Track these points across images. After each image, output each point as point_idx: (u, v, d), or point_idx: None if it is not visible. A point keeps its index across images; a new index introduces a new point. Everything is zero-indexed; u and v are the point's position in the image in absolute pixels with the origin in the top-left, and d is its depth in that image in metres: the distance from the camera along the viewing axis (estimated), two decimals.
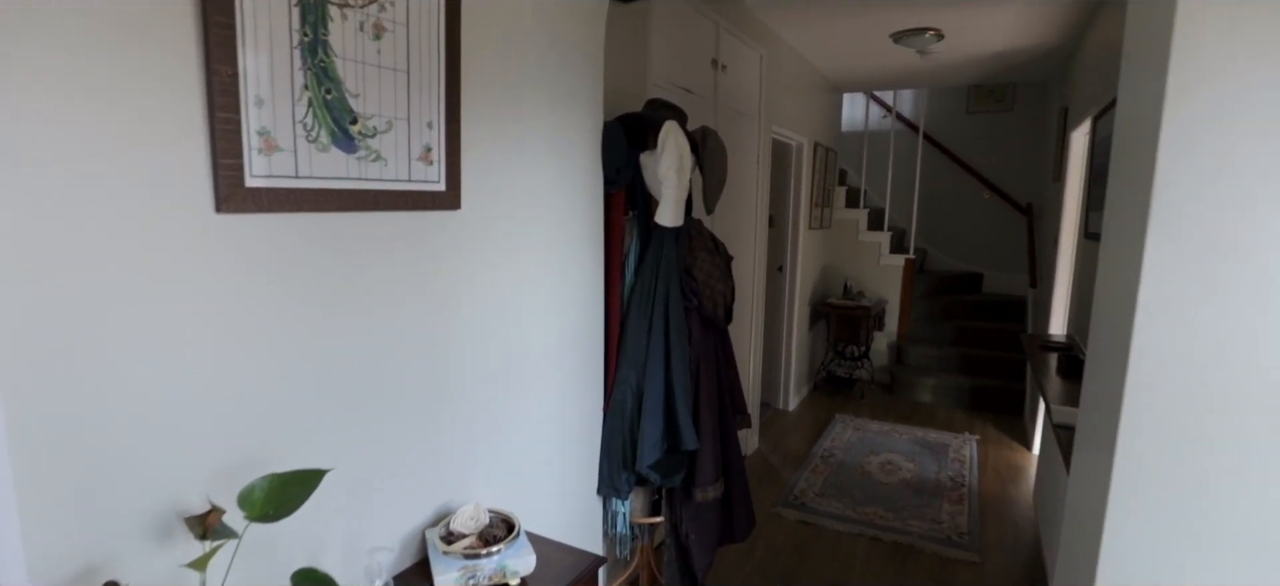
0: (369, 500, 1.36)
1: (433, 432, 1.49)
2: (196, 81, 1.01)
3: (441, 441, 1.52)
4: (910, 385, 5.46)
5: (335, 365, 1.26)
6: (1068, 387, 2.43)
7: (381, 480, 1.38)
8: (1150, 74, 1.15)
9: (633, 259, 2.14)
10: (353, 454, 1.31)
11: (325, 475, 0.94)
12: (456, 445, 1.57)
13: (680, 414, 2.03)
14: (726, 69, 3.36)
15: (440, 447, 1.52)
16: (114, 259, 0.93)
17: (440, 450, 1.52)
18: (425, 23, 1.37)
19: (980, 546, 3.09)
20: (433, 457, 1.50)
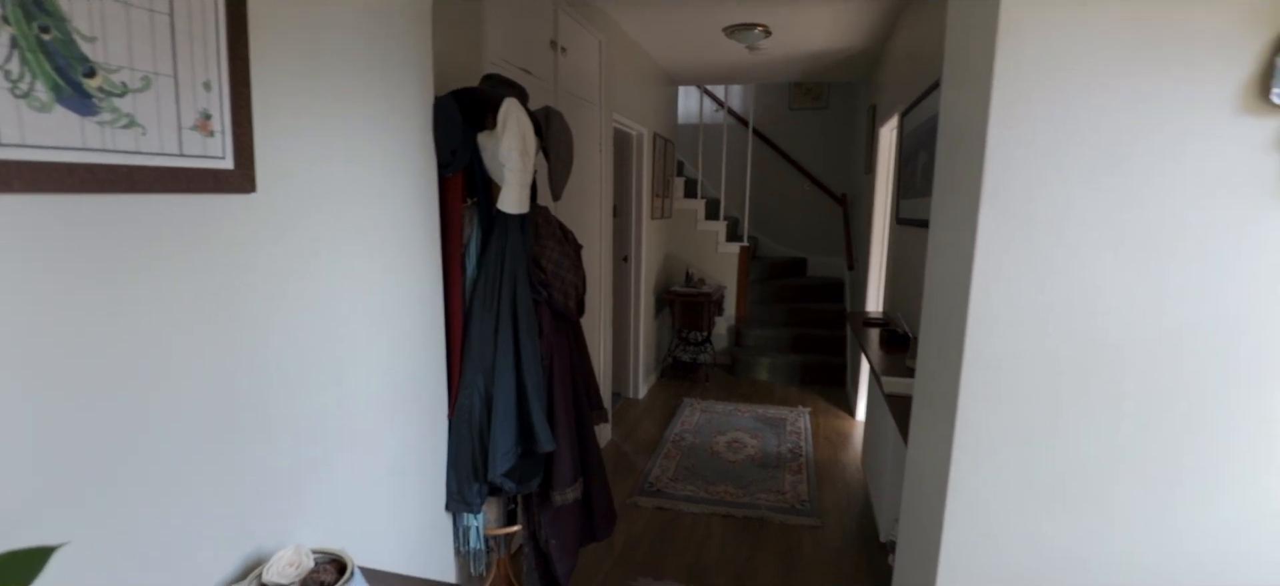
0: (144, 563, 1.06)
1: (234, 468, 1.21)
2: None
3: (247, 478, 1.24)
4: (749, 365, 5.76)
5: (87, 400, 0.95)
6: (891, 359, 2.65)
7: (164, 535, 1.09)
8: (977, 67, 1.22)
9: (474, 250, 1.95)
10: (118, 509, 1.01)
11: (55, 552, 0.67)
12: (268, 479, 1.29)
13: (534, 415, 1.88)
14: (566, 52, 3.24)
15: (246, 485, 1.24)
16: None
17: (246, 488, 1.24)
18: None
19: (819, 511, 3.30)
20: (236, 498, 1.22)
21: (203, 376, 1.14)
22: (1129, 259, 1.13)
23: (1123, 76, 1.09)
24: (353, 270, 1.50)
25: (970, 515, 1.26)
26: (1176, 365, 1.15)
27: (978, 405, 1.22)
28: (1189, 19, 1.06)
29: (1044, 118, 1.13)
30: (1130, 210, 1.12)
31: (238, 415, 1.21)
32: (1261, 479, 1.16)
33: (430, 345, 1.83)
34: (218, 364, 1.17)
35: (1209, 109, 1.08)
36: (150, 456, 1.06)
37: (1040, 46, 1.11)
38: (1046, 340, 1.18)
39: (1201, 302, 1.12)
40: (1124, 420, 1.18)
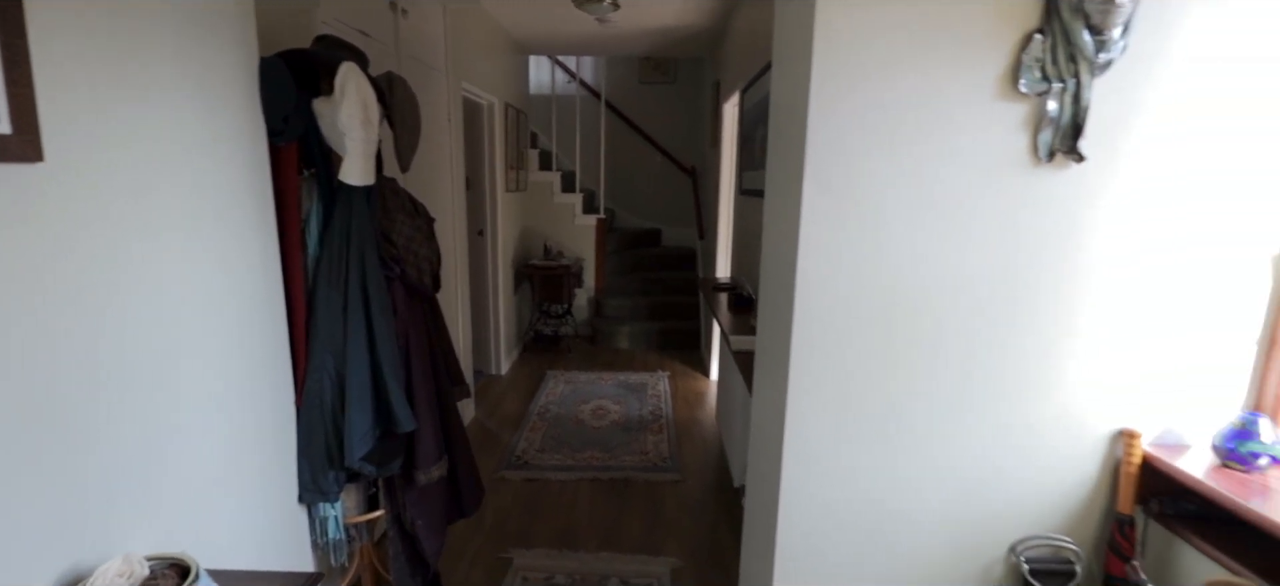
0: None
1: (40, 475, 1.06)
2: None
3: (59, 487, 1.10)
4: (610, 335, 5.91)
5: None
6: (738, 320, 2.87)
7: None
8: (798, 47, 1.36)
9: (315, 225, 1.82)
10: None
11: None
12: (84, 485, 1.15)
13: (392, 395, 1.82)
14: (407, 15, 3.07)
15: (58, 495, 1.10)
16: None
17: (59, 499, 1.10)
18: None
19: (680, 466, 3.51)
20: (47, 511, 1.08)
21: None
22: (920, 220, 1.34)
23: (913, 67, 1.28)
24: (173, 249, 1.35)
25: (803, 452, 1.44)
26: (960, 307, 1.39)
27: (806, 354, 1.39)
28: (960, 19, 1.27)
29: (853, 102, 1.29)
30: (921, 179, 1.33)
31: (41, 415, 1.06)
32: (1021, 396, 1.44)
33: (270, 328, 1.70)
34: (16, 363, 1.01)
35: (977, 95, 1.30)
36: None
37: (849, 41, 1.27)
38: (858, 294, 1.37)
39: (977, 254, 1.36)
40: (920, 357, 1.41)
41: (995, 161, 1.33)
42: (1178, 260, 1.38)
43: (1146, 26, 1.27)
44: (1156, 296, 1.40)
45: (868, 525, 1.51)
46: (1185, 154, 1.33)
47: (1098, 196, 1.35)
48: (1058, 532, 1.53)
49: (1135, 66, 1.28)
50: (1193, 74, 1.30)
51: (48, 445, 1.09)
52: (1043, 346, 1.41)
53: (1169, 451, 1.45)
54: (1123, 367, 1.43)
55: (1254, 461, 1.33)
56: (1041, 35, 1.27)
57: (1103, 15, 1.22)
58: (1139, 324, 1.41)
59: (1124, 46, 1.27)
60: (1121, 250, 1.37)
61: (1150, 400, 1.46)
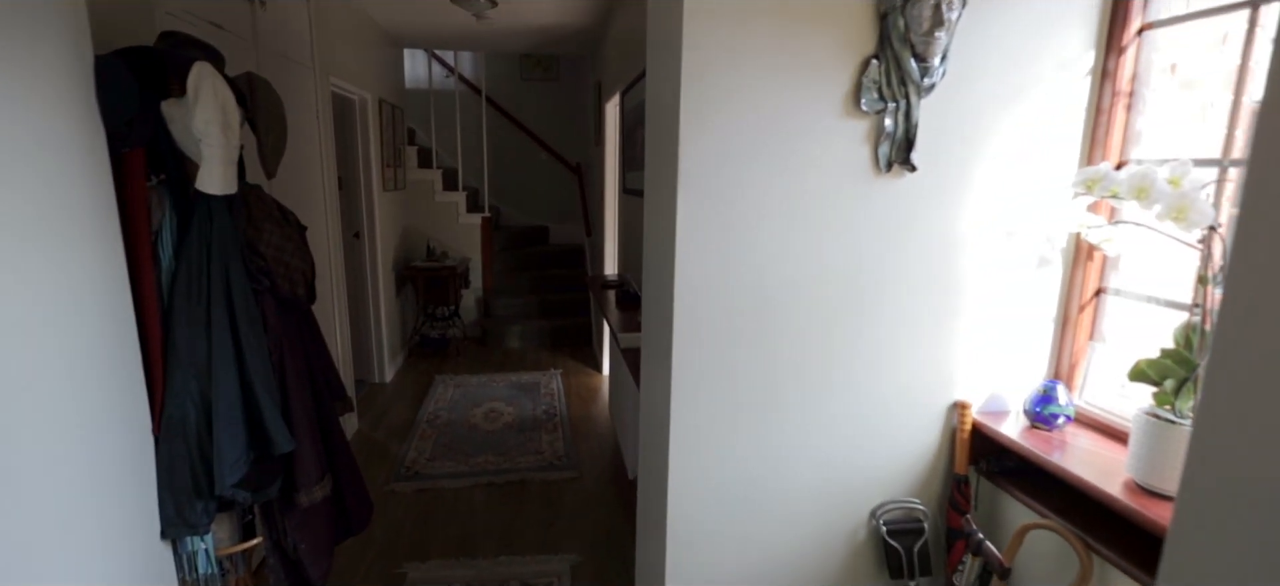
0: None
1: None
2: None
3: None
4: (500, 335, 5.83)
5: None
6: (626, 317, 2.96)
7: None
8: (669, 64, 1.45)
9: (169, 238, 1.68)
10: None
11: None
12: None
13: (267, 414, 1.73)
14: (266, 6, 2.87)
15: None
16: None
17: None
18: None
19: (576, 463, 3.56)
20: None
21: None
22: (783, 223, 1.48)
23: (772, 86, 1.41)
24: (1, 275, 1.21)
25: (688, 438, 1.54)
26: (818, 299, 1.55)
27: (686, 349, 1.49)
28: (810, 45, 1.41)
29: (720, 117, 1.40)
30: (782, 186, 1.46)
31: None
32: (872, 377, 1.63)
33: (119, 352, 1.55)
34: None
35: (827, 112, 1.45)
36: None
37: (713, 63, 1.38)
38: (731, 290, 1.48)
39: (831, 252, 1.52)
40: (787, 347, 1.55)
41: (844, 170, 1.49)
42: (992, 252, 1.62)
43: (960, 55, 1.47)
44: (977, 284, 1.63)
45: (749, 502, 1.64)
46: (992, 161, 1.56)
47: (928, 200, 1.55)
48: (909, 496, 1.74)
49: (953, 88, 1.49)
50: (997, 94, 1.52)
51: None
52: (887, 332, 1.60)
53: (993, 418, 1.69)
54: (954, 347, 1.66)
55: (1054, 422, 1.59)
56: (877, 60, 1.44)
57: (925, 45, 1.40)
58: (965, 308, 1.64)
59: (944, 72, 1.47)
60: (947, 245, 1.59)
61: (977, 374, 1.69)
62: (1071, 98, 1.57)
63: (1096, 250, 1.59)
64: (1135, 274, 1.60)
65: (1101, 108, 1.57)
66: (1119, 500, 1.31)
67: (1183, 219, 1.24)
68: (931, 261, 1.59)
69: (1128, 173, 1.38)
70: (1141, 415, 1.34)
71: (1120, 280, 1.61)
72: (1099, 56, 1.55)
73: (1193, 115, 1.52)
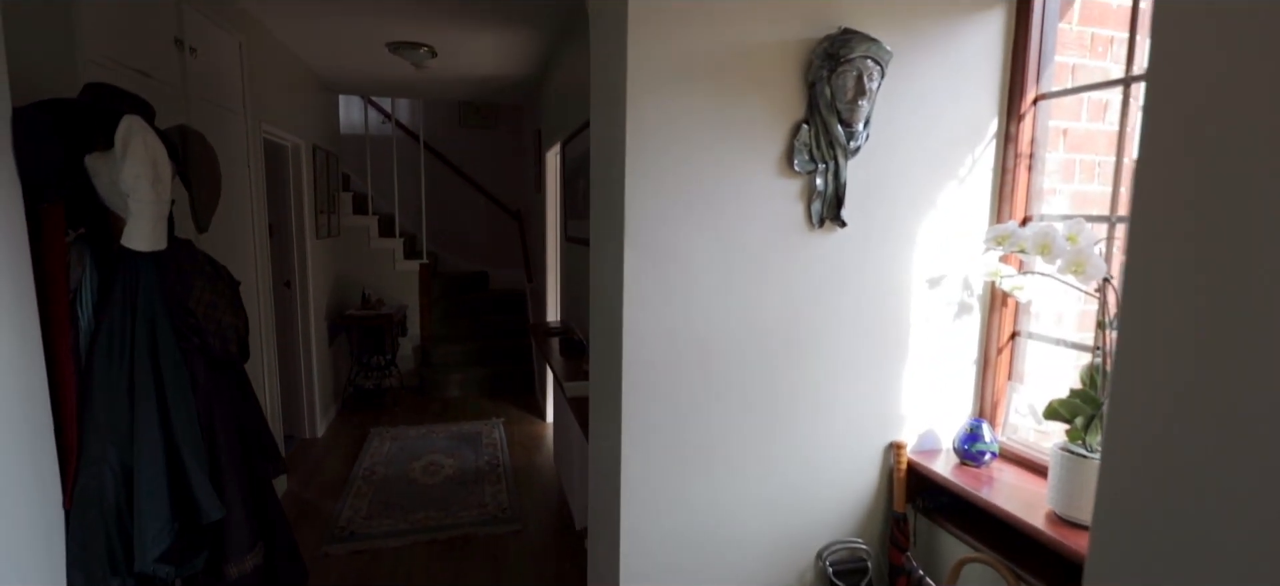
0: None
1: None
2: None
3: None
4: (439, 383, 5.68)
5: None
6: (571, 364, 2.96)
7: None
8: (614, 126, 1.51)
9: (87, 296, 1.60)
10: None
11: None
12: None
13: (195, 481, 1.63)
14: (196, 53, 2.79)
15: None
16: None
17: None
18: None
19: (521, 515, 3.48)
20: None
21: None
22: (725, 276, 1.55)
23: (712, 147, 1.49)
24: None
25: (639, 489, 1.56)
26: (759, 349, 1.61)
27: (636, 400, 1.52)
28: (746, 109, 1.50)
29: (664, 176, 1.47)
30: (724, 241, 1.54)
31: None
32: (812, 422, 1.69)
33: (28, 420, 1.44)
34: None
35: (763, 172, 1.54)
36: None
37: (656, 126, 1.45)
38: (677, 344, 1.53)
39: (770, 303, 1.60)
40: (732, 396, 1.61)
41: (780, 226, 1.58)
42: (919, 300, 1.73)
43: (882, 120, 1.60)
44: (906, 330, 1.74)
45: (701, 549, 1.66)
46: (915, 216, 1.69)
47: (858, 253, 1.66)
48: (852, 536, 1.80)
49: (877, 150, 1.61)
50: (916, 155, 1.66)
51: None
52: (826, 378, 1.68)
53: (926, 456, 1.79)
54: (887, 390, 1.75)
55: (981, 458, 1.70)
56: (807, 125, 1.55)
57: (849, 112, 1.52)
58: (895, 352, 1.74)
59: (867, 135, 1.59)
60: (878, 294, 1.69)
61: (910, 415, 1.79)
62: (981, 159, 1.72)
63: (1010, 297, 1.73)
64: (1045, 318, 1.75)
65: (1006, 168, 1.73)
66: (1042, 531, 1.41)
67: (1081, 271, 1.37)
68: (863, 310, 1.69)
69: (1032, 229, 1.52)
70: (1057, 450, 1.45)
71: (1033, 324, 1.75)
72: (1001, 122, 1.72)
73: (1084, 175, 1.69)
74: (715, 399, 1.58)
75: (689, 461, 1.58)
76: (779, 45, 1.50)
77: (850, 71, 1.50)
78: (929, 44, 1.63)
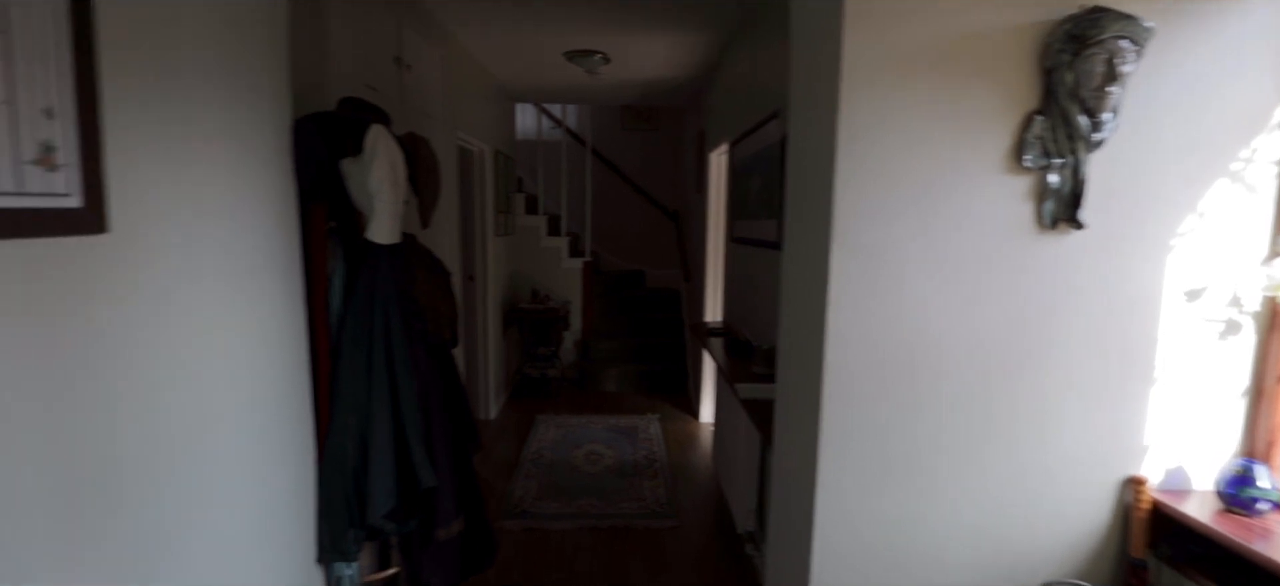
0: None
1: (84, 543, 1.05)
2: None
3: (116, 551, 1.09)
4: (597, 377, 5.91)
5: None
6: (738, 365, 2.93)
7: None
8: (821, 122, 1.46)
9: (339, 284, 1.84)
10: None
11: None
12: (139, 551, 1.14)
13: (415, 453, 1.82)
14: (411, 69, 3.13)
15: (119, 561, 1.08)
16: None
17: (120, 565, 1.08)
18: None
19: (678, 512, 3.52)
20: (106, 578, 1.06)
21: (46, 445, 0.98)
22: (940, 281, 1.43)
23: (930, 143, 1.39)
24: (212, 312, 1.36)
25: (835, 500, 1.49)
26: (975, 361, 1.47)
27: (836, 407, 1.45)
28: (972, 99, 1.38)
29: (876, 173, 1.39)
30: (940, 244, 1.42)
31: (85, 485, 1.06)
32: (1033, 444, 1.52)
33: (295, 388, 1.70)
34: (60, 427, 1.01)
35: (986, 168, 1.41)
36: (11, 534, 0.89)
37: (872, 116, 1.37)
38: (885, 349, 1.44)
39: (990, 312, 1.45)
40: (942, 408, 1.48)
41: (1004, 228, 1.43)
42: (1172, 315, 1.49)
43: (1135, 107, 1.39)
44: (1154, 349, 1.50)
45: (898, 569, 1.55)
46: (1171, 218, 1.45)
47: (1097, 259, 1.45)
48: (1075, 578, 1.59)
49: (1124, 143, 1.41)
50: (1176, 147, 1.42)
51: (94, 513, 1.08)
52: (1051, 398, 1.50)
53: (1175, 496, 1.53)
54: (1127, 417, 1.52)
55: (1254, 506, 1.42)
56: (1042, 116, 1.38)
57: (1095, 101, 1.34)
58: (1139, 375, 1.51)
59: (1116, 126, 1.39)
60: (1119, 307, 1.48)
61: (1153, 447, 1.55)
62: (1259, 153, 1.44)
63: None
64: None
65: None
66: None
67: None
68: (1101, 323, 1.48)
69: None
70: None
71: None
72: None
73: None
74: (921, 411, 1.47)
75: (890, 475, 1.48)
76: (1011, 30, 1.36)
77: (1099, 54, 1.32)
78: (1196, 20, 1.40)
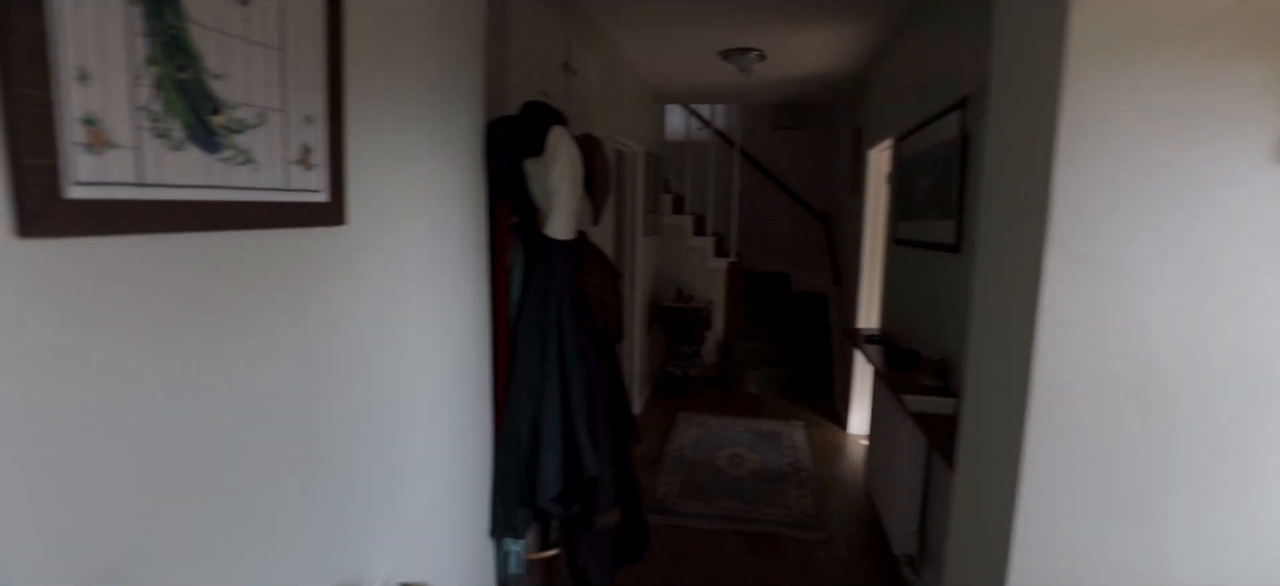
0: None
1: (320, 500, 1.19)
2: None
3: (332, 509, 1.23)
4: (738, 378, 5.84)
5: (197, 435, 0.93)
6: (902, 376, 2.74)
7: (265, 572, 1.07)
8: (1032, 112, 1.30)
9: (518, 275, 1.96)
10: (228, 547, 0.99)
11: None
12: (352, 507, 1.28)
13: (581, 440, 1.89)
14: (577, 74, 3.27)
15: (332, 517, 1.23)
16: None
17: (332, 520, 1.23)
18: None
19: (826, 525, 3.37)
20: (323, 531, 1.20)
21: (291, 411, 1.12)
22: (1190, 291, 1.22)
23: (1181, 128, 1.18)
24: (421, 298, 1.50)
25: (1040, 534, 1.33)
26: (1220, 388, 1.24)
27: (1046, 430, 1.29)
28: (1232, 81, 1.16)
29: (1108, 167, 1.21)
30: (1185, 250, 1.21)
31: (325, 442, 1.20)
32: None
33: (480, 371, 1.82)
34: (306, 398, 1.15)
35: (1253, 161, 1.18)
36: (243, 489, 1.04)
37: (1104, 102, 1.20)
38: (1113, 368, 1.26)
39: (1253, 330, 1.22)
40: (1178, 439, 1.27)
41: (1265, 232, 1.19)
42: None
43: None
44: None
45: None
46: None
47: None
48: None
49: None
50: None
51: (327, 475, 1.22)
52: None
53: None
54: None
55: None
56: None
57: None
58: None
59: None
60: None
61: None
62: None
63: None
64: None
65: None
66: None
67: None
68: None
69: None
70: None
71: None
72: None
73: None
74: (1153, 436, 1.26)
75: (1110, 508, 1.29)
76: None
77: None
78: None
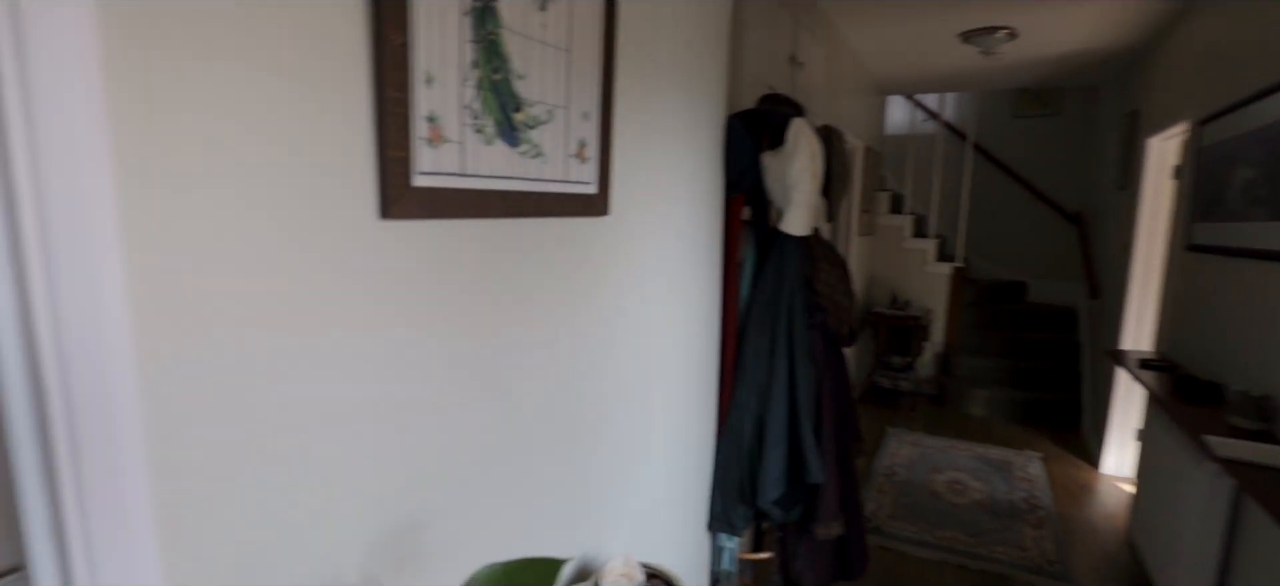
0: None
1: (571, 476, 1.28)
2: (363, 48, 0.80)
3: (581, 482, 1.31)
4: (960, 397, 5.27)
5: (490, 407, 1.05)
6: (1196, 413, 2.23)
7: (531, 528, 1.17)
8: None
9: (748, 270, 1.94)
10: (504, 503, 1.10)
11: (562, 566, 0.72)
12: (594, 485, 1.36)
13: (806, 443, 1.82)
14: (803, 67, 3.16)
15: (580, 490, 1.31)
16: (274, 293, 0.71)
17: (580, 492, 1.31)
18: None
19: (1073, 577, 2.89)
20: (573, 502, 1.29)
21: (555, 387, 1.21)
22: None
23: None
24: (666, 291, 1.54)
25: None
26: None
27: None
28: None
29: None
30: None
31: (577, 424, 1.28)
32: None
33: (709, 362, 1.84)
34: (567, 376, 1.24)
35: None
36: (511, 456, 1.13)
37: None
38: None
39: None
40: None
41: None
42: None
43: None
44: None
45: None
46: None
47: None
48: None
49: None
50: None
51: (580, 450, 1.30)
52: None
53: None
54: None
55: None
56: None
57: None
58: None
59: None
60: None
61: None
62: None
63: None
64: None
65: None
66: None
67: None
68: None
69: None
70: None
71: None
72: None
73: None
74: None
75: None
76: None
77: None
78: None
